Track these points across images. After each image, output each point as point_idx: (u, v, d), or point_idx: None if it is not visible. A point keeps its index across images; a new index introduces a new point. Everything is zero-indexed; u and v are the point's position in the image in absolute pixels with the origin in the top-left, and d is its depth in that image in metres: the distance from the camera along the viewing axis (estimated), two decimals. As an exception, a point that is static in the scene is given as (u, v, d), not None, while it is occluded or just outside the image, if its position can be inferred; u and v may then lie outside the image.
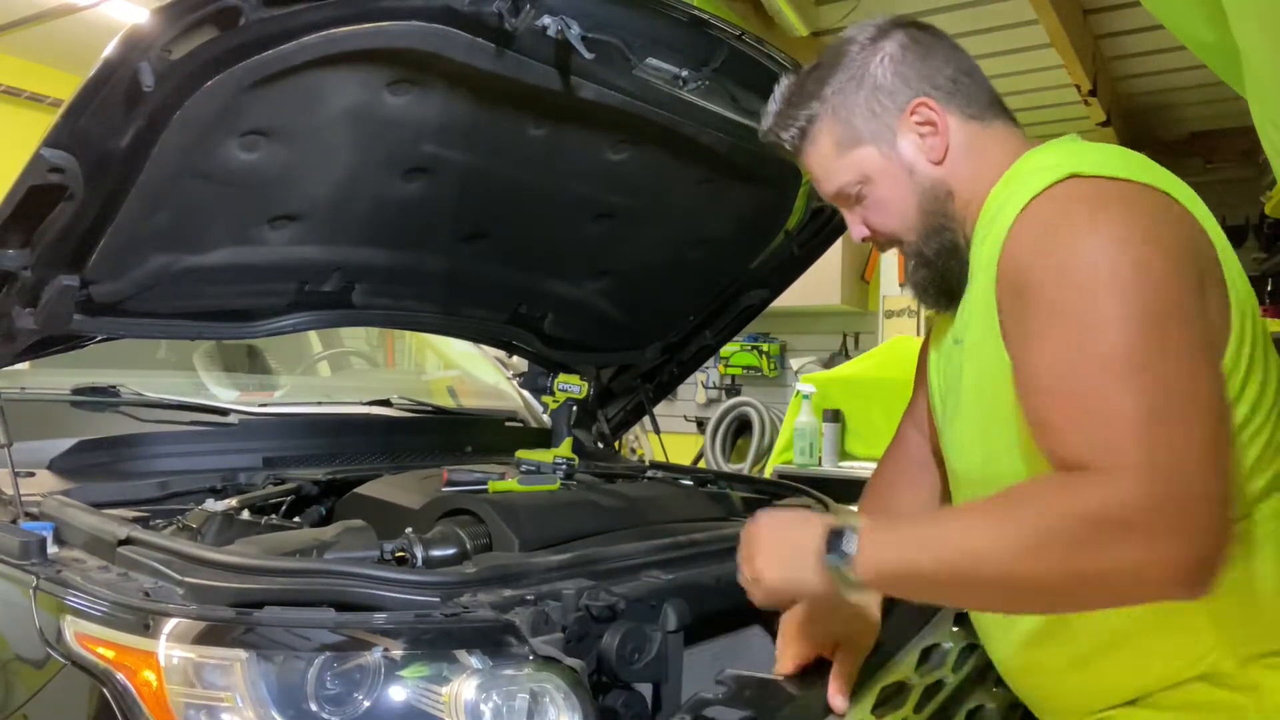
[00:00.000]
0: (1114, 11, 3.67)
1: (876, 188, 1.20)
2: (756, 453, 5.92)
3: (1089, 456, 0.92)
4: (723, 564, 1.67)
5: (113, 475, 1.90)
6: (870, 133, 1.19)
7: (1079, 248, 0.98)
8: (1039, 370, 0.99)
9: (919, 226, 1.20)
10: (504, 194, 1.99)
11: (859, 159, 1.20)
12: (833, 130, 1.21)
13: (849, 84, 1.19)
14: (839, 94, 1.20)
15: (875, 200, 1.21)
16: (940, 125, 1.18)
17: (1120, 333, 0.94)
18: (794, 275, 2.52)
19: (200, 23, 1.38)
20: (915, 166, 1.19)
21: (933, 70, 1.20)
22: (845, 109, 1.20)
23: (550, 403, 2.22)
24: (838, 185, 1.23)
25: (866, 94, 1.18)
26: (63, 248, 1.59)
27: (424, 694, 1.20)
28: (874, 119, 1.19)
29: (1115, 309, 0.95)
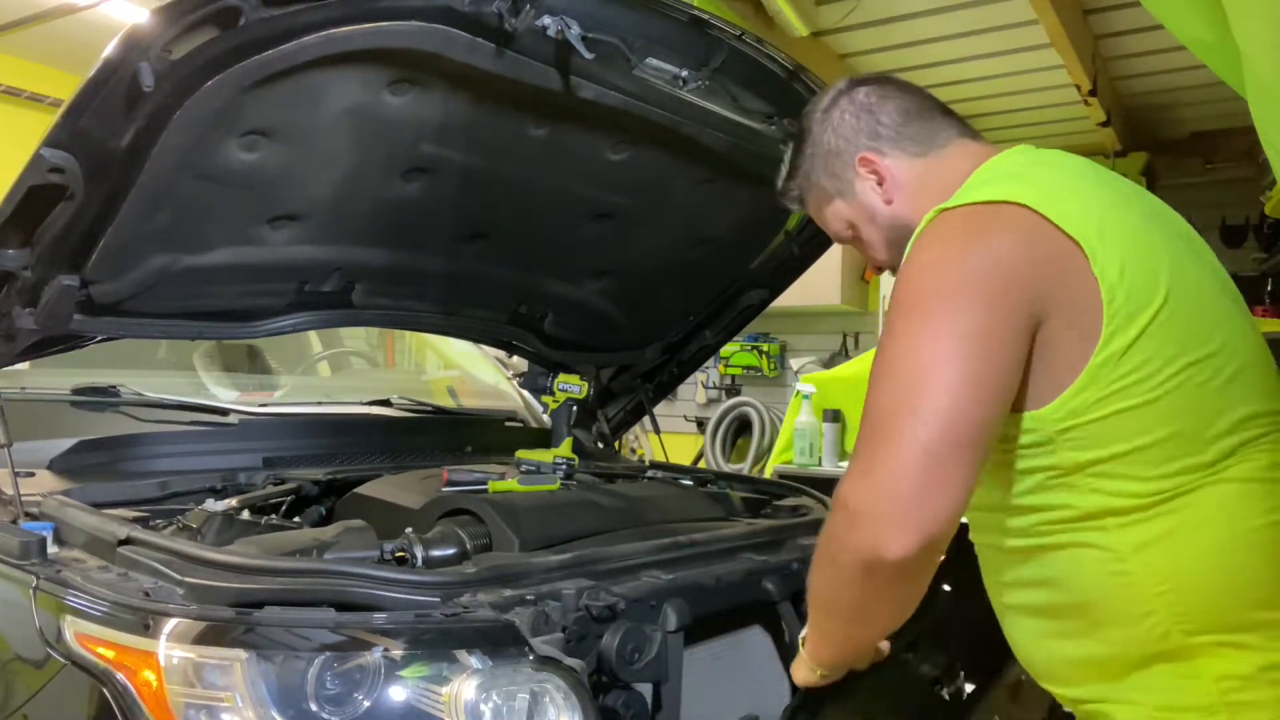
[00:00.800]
0: (1114, 11, 3.67)
1: (860, 230, 1.40)
2: (756, 453, 5.92)
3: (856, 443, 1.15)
4: (723, 564, 1.67)
5: (113, 475, 1.90)
6: (836, 190, 1.39)
7: (902, 274, 1.18)
8: None
9: (892, 257, 1.36)
10: (504, 194, 1.99)
11: (836, 211, 1.41)
12: (812, 194, 1.43)
13: (813, 157, 1.40)
14: (808, 165, 1.41)
15: (863, 239, 1.41)
16: (881, 171, 1.34)
17: (898, 349, 1.13)
18: (794, 275, 2.52)
19: (200, 23, 1.38)
20: (875, 209, 1.36)
21: (875, 126, 1.35)
22: (814, 175, 1.41)
23: (550, 403, 2.22)
24: (834, 232, 1.45)
25: (823, 161, 1.39)
26: (63, 248, 1.59)
27: (424, 694, 1.20)
28: (835, 179, 1.38)
29: (899, 320, 1.14)
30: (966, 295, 1.10)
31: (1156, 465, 1.10)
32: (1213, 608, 1.11)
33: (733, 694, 1.75)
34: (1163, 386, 1.10)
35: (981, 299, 1.09)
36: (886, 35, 3.90)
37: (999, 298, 1.09)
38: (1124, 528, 1.11)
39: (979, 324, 1.09)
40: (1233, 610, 1.11)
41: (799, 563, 1.81)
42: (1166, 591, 1.10)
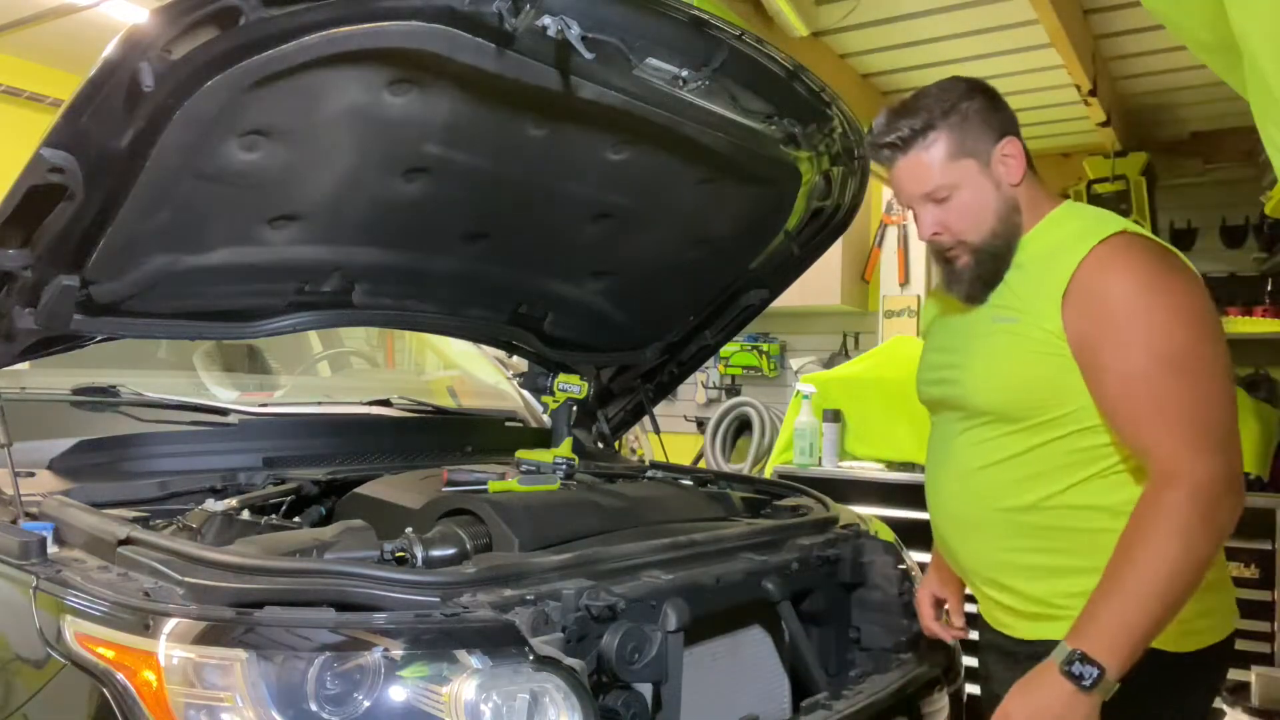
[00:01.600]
0: (1114, 11, 3.67)
1: (964, 194, 1.55)
2: (756, 453, 5.92)
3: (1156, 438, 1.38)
4: (723, 564, 1.67)
5: (113, 475, 1.90)
6: (977, 151, 1.55)
7: (1144, 284, 1.42)
8: (1119, 371, 1.41)
9: (992, 229, 1.55)
10: (504, 194, 1.99)
11: (964, 168, 1.55)
12: (949, 141, 1.54)
13: (961, 115, 1.55)
14: (956, 118, 1.55)
15: (959, 204, 1.55)
16: (1018, 158, 1.56)
17: (1174, 341, 1.39)
18: (794, 275, 2.52)
19: (200, 23, 1.38)
20: (1001, 183, 1.56)
21: (1008, 119, 1.59)
22: (960, 129, 1.55)
23: (550, 403, 2.22)
24: (936, 183, 1.55)
25: (975, 124, 1.55)
26: (63, 248, 1.59)
27: (424, 694, 1.20)
28: (978, 142, 1.55)
29: (1170, 323, 1.40)
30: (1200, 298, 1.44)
31: None
32: None
33: (733, 694, 1.75)
34: None
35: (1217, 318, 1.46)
36: (887, 35, 3.89)
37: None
38: None
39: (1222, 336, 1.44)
40: None
41: (799, 563, 1.82)
42: None
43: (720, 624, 1.72)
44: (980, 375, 1.55)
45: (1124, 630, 1.33)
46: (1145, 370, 1.39)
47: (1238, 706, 2.74)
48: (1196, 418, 1.37)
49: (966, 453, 1.60)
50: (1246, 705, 2.75)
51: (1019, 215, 1.55)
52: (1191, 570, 1.34)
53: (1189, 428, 1.36)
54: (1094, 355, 1.44)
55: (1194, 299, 1.42)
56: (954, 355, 1.62)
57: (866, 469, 3.61)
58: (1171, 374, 1.38)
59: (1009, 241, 1.55)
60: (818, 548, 1.88)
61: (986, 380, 1.55)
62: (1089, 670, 1.32)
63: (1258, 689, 2.76)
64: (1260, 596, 2.96)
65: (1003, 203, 1.55)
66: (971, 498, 1.59)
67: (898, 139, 1.56)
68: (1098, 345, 1.43)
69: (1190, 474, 1.34)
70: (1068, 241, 1.49)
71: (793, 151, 2.12)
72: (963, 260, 1.57)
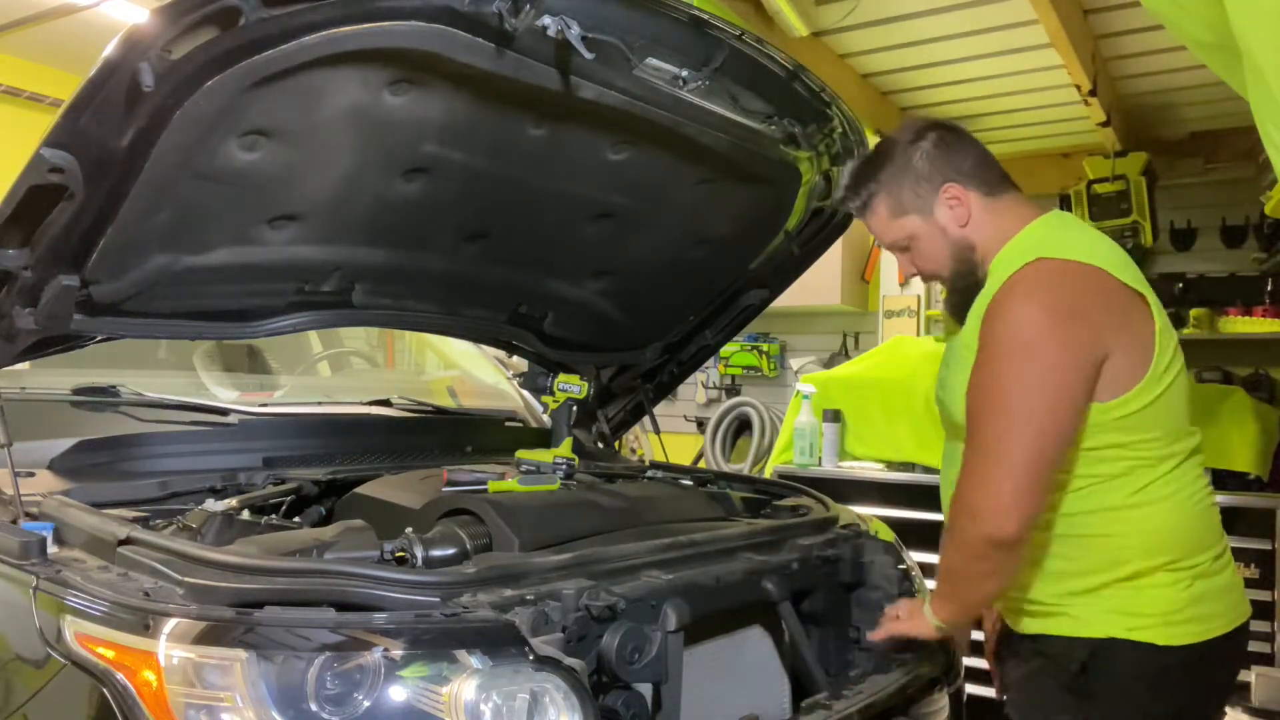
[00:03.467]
0: (1114, 11, 3.67)
1: (920, 243, 1.70)
2: (756, 453, 5.91)
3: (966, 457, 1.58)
4: (723, 564, 1.67)
5: (113, 475, 1.90)
6: (914, 207, 1.68)
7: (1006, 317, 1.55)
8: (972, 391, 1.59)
9: (952, 269, 1.69)
10: (504, 194, 1.99)
11: (906, 224, 1.70)
12: (887, 204, 1.70)
13: (898, 173, 1.68)
14: (891, 179, 1.68)
15: (919, 251, 1.71)
16: (963, 201, 1.66)
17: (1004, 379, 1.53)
18: (794, 275, 2.52)
19: (200, 23, 1.38)
20: (948, 229, 1.67)
21: (958, 161, 1.67)
22: (896, 189, 1.68)
23: (550, 403, 2.22)
24: (891, 240, 1.73)
25: (910, 181, 1.67)
26: (63, 247, 1.59)
27: (424, 694, 1.20)
28: (917, 198, 1.68)
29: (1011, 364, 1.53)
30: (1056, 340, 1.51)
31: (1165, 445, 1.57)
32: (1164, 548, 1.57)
33: (733, 694, 1.75)
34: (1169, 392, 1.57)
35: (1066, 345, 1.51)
36: (887, 35, 3.89)
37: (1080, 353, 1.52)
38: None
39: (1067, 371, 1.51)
40: None
41: (799, 563, 1.82)
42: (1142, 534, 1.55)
43: (720, 624, 1.72)
44: (956, 393, 1.66)
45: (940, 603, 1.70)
46: (977, 399, 1.57)
47: (1238, 706, 2.75)
48: (988, 448, 1.53)
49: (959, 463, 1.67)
50: (1246, 705, 2.75)
51: (974, 252, 1.66)
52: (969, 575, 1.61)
53: (979, 454, 1.55)
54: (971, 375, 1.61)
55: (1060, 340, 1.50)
56: (944, 374, 1.75)
57: (866, 469, 3.61)
58: (992, 409, 1.54)
59: (973, 271, 1.67)
60: (818, 548, 1.88)
61: (958, 395, 1.65)
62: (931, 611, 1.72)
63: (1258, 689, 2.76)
64: (1260, 596, 2.96)
65: (953, 245, 1.67)
66: None
67: (853, 207, 1.76)
68: (975, 367, 1.59)
69: (963, 485, 1.56)
70: (1000, 271, 1.61)
71: (793, 151, 2.12)
72: (945, 289, 1.75)
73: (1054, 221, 1.67)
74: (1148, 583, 1.55)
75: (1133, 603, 1.55)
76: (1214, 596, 1.58)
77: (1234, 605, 1.62)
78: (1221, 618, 1.59)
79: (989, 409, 1.54)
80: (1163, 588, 1.55)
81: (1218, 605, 1.59)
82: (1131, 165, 4.92)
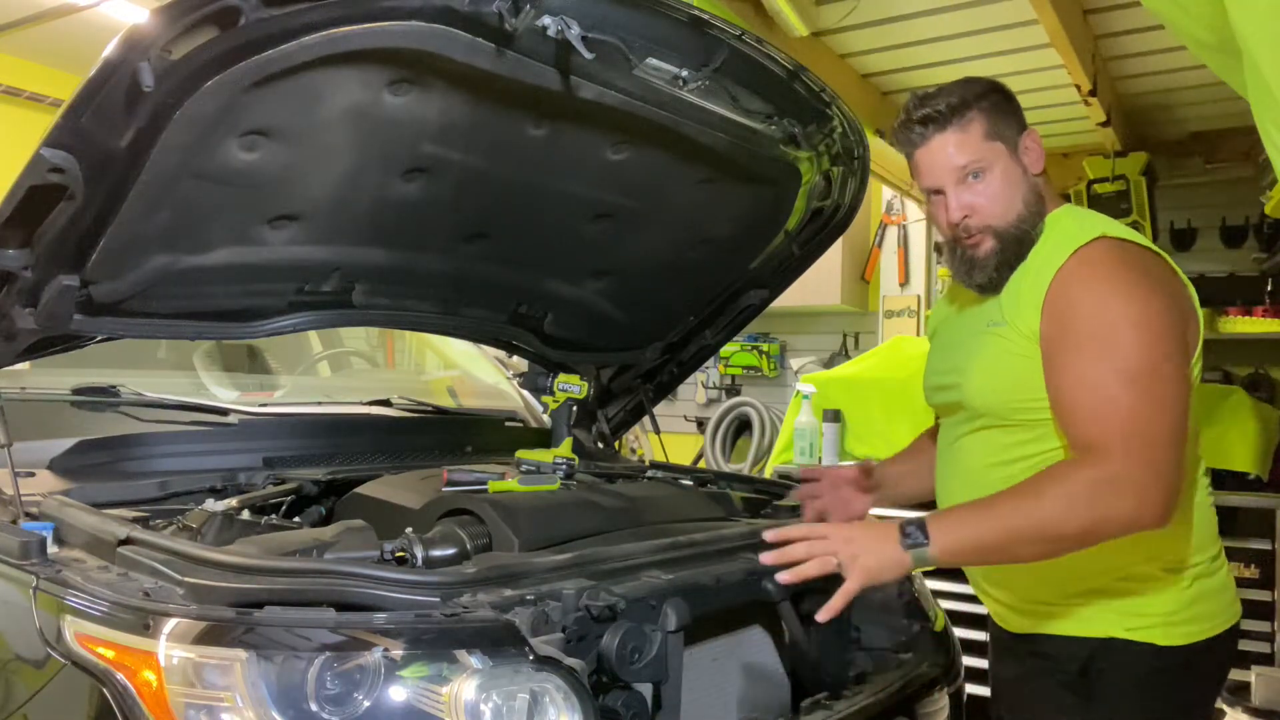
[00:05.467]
0: (1114, 11, 3.67)
1: (995, 176, 1.58)
2: (756, 453, 5.91)
3: (1092, 436, 1.42)
4: (723, 564, 1.67)
5: (113, 475, 1.90)
6: (1005, 136, 1.60)
7: (1109, 294, 1.46)
8: (1073, 376, 1.46)
9: (1019, 213, 1.58)
10: (504, 194, 1.99)
11: (996, 149, 1.59)
12: (985, 122, 1.59)
13: (991, 103, 1.60)
14: (986, 103, 1.60)
15: (990, 185, 1.58)
16: (1039, 151, 1.62)
17: (1129, 355, 1.43)
18: (794, 275, 2.52)
19: (200, 23, 1.38)
20: (1027, 170, 1.61)
21: (1023, 116, 1.64)
22: (995, 113, 1.60)
23: (550, 403, 2.22)
24: (973, 157, 1.58)
25: (1004, 113, 1.61)
26: (63, 248, 1.59)
27: (424, 694, 1.20)
28: (1008, 129, 1.60)
29: (1129, 339, 1.43)
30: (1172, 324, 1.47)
31: None
32: None
33: (733, 694, 1.75)
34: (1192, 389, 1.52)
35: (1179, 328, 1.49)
36: (887, 35, 3.89)
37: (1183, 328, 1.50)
38: None
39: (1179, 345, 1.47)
40: None
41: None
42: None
43: (720, 624, 1.72)
44: (976, 378, 1.60)
45: (970, 535, 1.44)
46: (1098, 379, 1.43)
47: (1238, 706, 2.75)
48: (1136, 427, 1.40)
49: (973, 453, 1.64)
50: (1246, 705, 2.75)
51: (1041, 204, 1.60)
52: (1051, 537, 1.42)
53: (1124, 432, 1.40)
54: (1053, 357, 1.49)
55: (1161, 314, 1.45)
56: (955, 358, 1.67)
57: (866, 469, 3.60)
58: (1123, 386, 1.42)
59: (1033, 227, 1.58)
60: (818, 548, 1.88)
61: (982, 383, 1.59)
62: (918, 536, 1.42)
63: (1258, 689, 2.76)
64: (1260, 596, 2.96)
65: (1029, 188, 1.59)
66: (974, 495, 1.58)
67: (936, 112, 1.58)
68: (1058, 350, 1.48)
69: (1108, 462, 1.39)
70: (1052, 248, 1.54)
71: (793, 151, 2.12)
72: (985, 246, 1.59)
73: (1082, 209, 1.67)
74: (1149, 583, 1.54)
75: (1134, 603, 1.54)
76: (1211, 596, 1.59)
77: (1229, 604, 1.63)
78: (1219, 617, 1.60)
79: (1115, 387, 1.42)
80: (1164, 588, 1.54)
81: (1215, 605, 1.59)
82: (1131, 165, 4.92)
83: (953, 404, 1.68)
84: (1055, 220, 1.60)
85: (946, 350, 1.73)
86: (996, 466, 1.59)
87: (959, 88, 1.61)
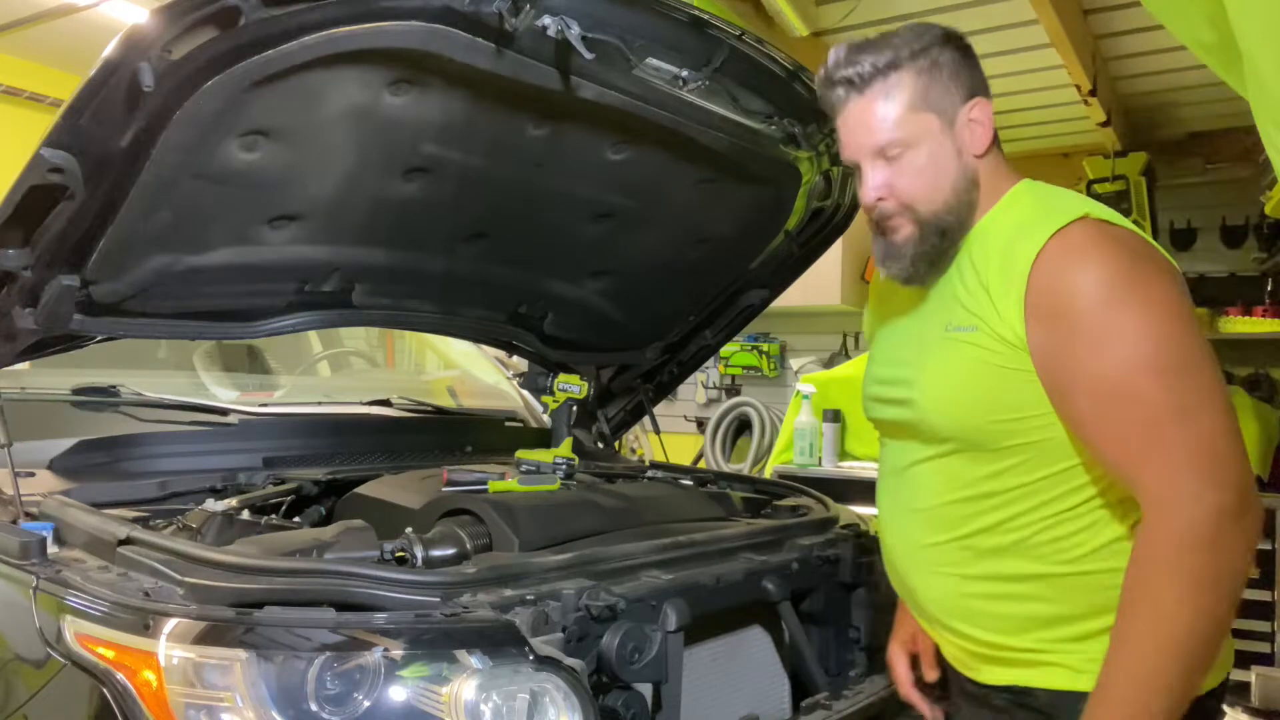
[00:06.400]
0: (1114, 11, 3.67)
1: (919, 154, 1.33)
2: (756, 453, 5.92)
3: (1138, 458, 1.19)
4: (723, 564, 1.67)
5: (113, 475, 1.90)
6: (940, 107, 1.34)
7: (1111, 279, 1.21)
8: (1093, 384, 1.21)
9: (944, 201, 1.34)
10: (504, 194, 1.99)
11: (923, 121, 1.33)
12: (912, 87, 1.33)
13: (931, 62, 1.34)
14: (924, 63, 1.33)
15: (913, 165, 1.34)
16: (986, 125, 1.35)
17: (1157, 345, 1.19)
18: (794, 275, 2.52)
19: (200, 23, 1.38)
20: (963, 150, 1.35)
21: (980, 80, 1.37)
22: (927, 76, 1.33)
23: (550, 403, 2.22)
24: (890, 137, 1.34)
25: (945, 75, 1.34)
26: (63, 248, 1.59)
27: (424, 694, 1.20)
28: (945, 96, 1.34)
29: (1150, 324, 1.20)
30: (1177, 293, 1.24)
31: None
32: None
33: (732, 694, 1.75)
34: None
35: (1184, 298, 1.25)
36: (887, 35, 3.91)
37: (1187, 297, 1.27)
38: None
39: None
40: None
41: (799, 563, 1.82)
42: None
43: (720, 624, 1.72)
44: (936, 395, 1.34)
45: (1144, 713, 1.16)
46: (1126, 384, 1.18)
47: (1238, 706, 2.75)
48: (1192, 434, 1.17)
49: (929, 485, 1.38)
50: (1246, 705, 2.75)
51: (976, 192, 1.35)
52: (1210, 621, 1.16)
53: (1183, 447, 1.17)
54: (1060, 370, 1.24)
55: (1172, 294, 1.22)
56: (903, 369, 1.41)
57: (866, 469, 3.61)
58: (1159, 385, 1.18)
59: (960, 219, 1.34)
60: (818, 548, 1.88)
61: (947, 401, 1.33)
62: None
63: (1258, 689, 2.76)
64: (1260, 596, 2.96)
65: (961, 173, 1.34)
66: (934, 534, 1.38)
67: (855, 74, 1.34)
68: (1064, 358, 1.23)
69: (1191, 503, 1.15)
70: (1019, 232, 1.29)
71: (793, 151, 2.12)
72: (904, 232, 1.35)
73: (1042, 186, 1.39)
74: None
75: None
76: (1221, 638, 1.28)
77: (1230, 649, 1.38)
78: (1226, 661, 1.36)
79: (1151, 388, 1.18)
80: None
81: (1224, 649, 1.32)
82: (1131, 165, 4.93)
83: (902, 424, 1.41)
84: (1013, 199, 1.35)
85: (890, 359, 1.46)
86: (963, 503, 1.34)
87: (896, 42, 1.34)
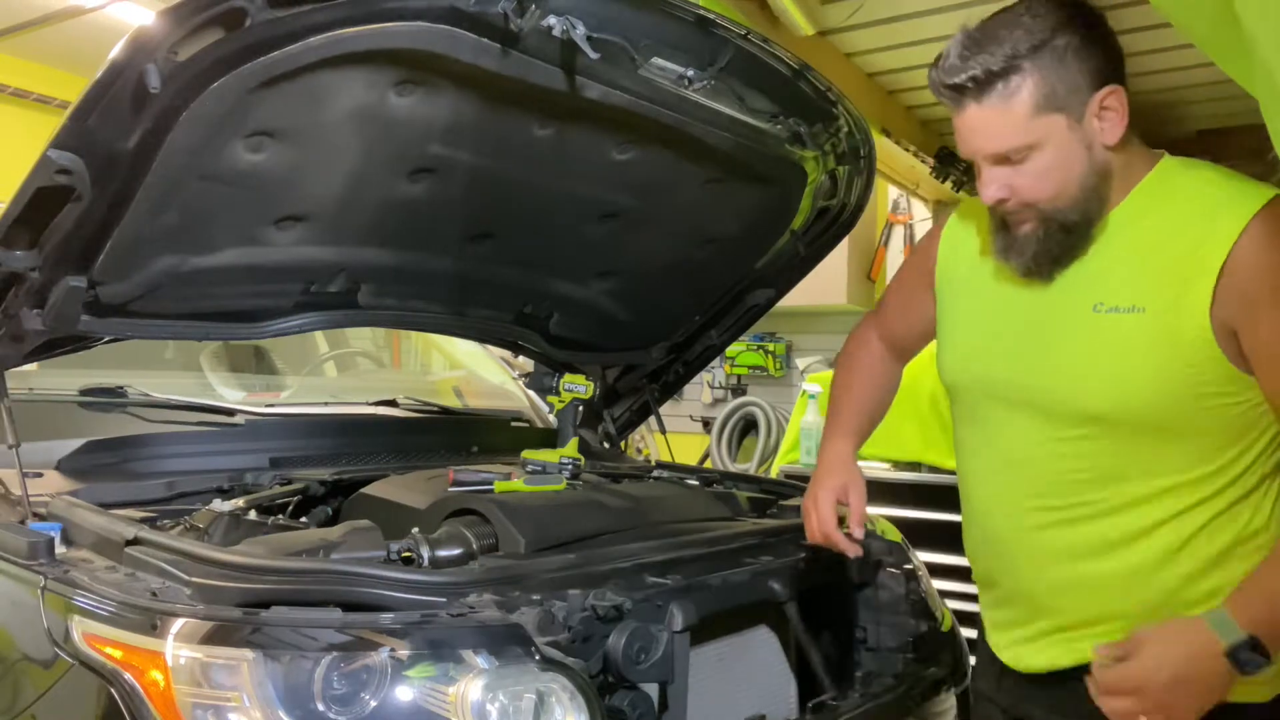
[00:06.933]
0: (1121, 9, 3.66)
1: (1044, 156, 1.25)
2: (762, 452, 5.91)
3: None
4: (729, 564, 1.67)
5: (120, 475, 1.91)
6: (1067, 104, 1.24)
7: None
8: None
9: (1071, 198, 1.26)
10: (509, 194, 1.99)
11: (1050, 124, 1.24)
12: (1037, 89, 1.23)
13: (1055, 55, 1.23)
14: (1047, 57, 1.23)
15: (1039, 166, 1.25)
16: (1120, 112, 1.26)
17: None
18: (800, 275, 2.51)
19: (206, 24, 1.38)
20: (1094, 144, 1.26)
21: (1113, 59, 1.27)
22: (1053, 74, 1.23)
23: (556, 403, 2.22)
24: (1015, 143, 1.25)
25: (1071, 67, 1.23)
26: (70, 249, 1.59)
27: (430, 694, 1.20)
28: (1073, 93, 1.23)
29: None
30: None
31: None
32: None
33: (739, 694, 1.75)
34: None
35: None
36: (892, 34, 3.88)
37: None
38: None
39: None
40: None
41: (805, 562, 1.82)
42: None
43: (726, 624, 1.72)
44: (1091, 376, 1.26)
45: None
46: None
47: None
48: None
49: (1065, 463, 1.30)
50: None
51: (1108, 185, 1.27)
52: None
53: None
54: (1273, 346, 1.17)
55: None
56: (1028, 343, 1.33)
57: (872, 469, 3.60)
58: None
59: (1088, 215, 1.27)
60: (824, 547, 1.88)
61: (1106, 383, 1.25)
62: (1255, 660, 1.11)
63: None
64: None
65: (1091, 169, 1.26)
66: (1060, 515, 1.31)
67: (970, 79, 1.24)
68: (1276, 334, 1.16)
69: None
70: (1202, 214, 1.22)
71: (798, 151, 2.12)
72: (1026, 227, 1.29)
73: (1194, 163, 1.33)
74: None
75: None
76: None
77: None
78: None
79: None
80: None
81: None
82: (1139, 164, 4.91)
83: (1028, 399, 1.33)
84: (1168, 184, 1.27)
85: (1004, 333, 1.36)
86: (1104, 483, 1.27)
87: (1016, 34, 1.22)
